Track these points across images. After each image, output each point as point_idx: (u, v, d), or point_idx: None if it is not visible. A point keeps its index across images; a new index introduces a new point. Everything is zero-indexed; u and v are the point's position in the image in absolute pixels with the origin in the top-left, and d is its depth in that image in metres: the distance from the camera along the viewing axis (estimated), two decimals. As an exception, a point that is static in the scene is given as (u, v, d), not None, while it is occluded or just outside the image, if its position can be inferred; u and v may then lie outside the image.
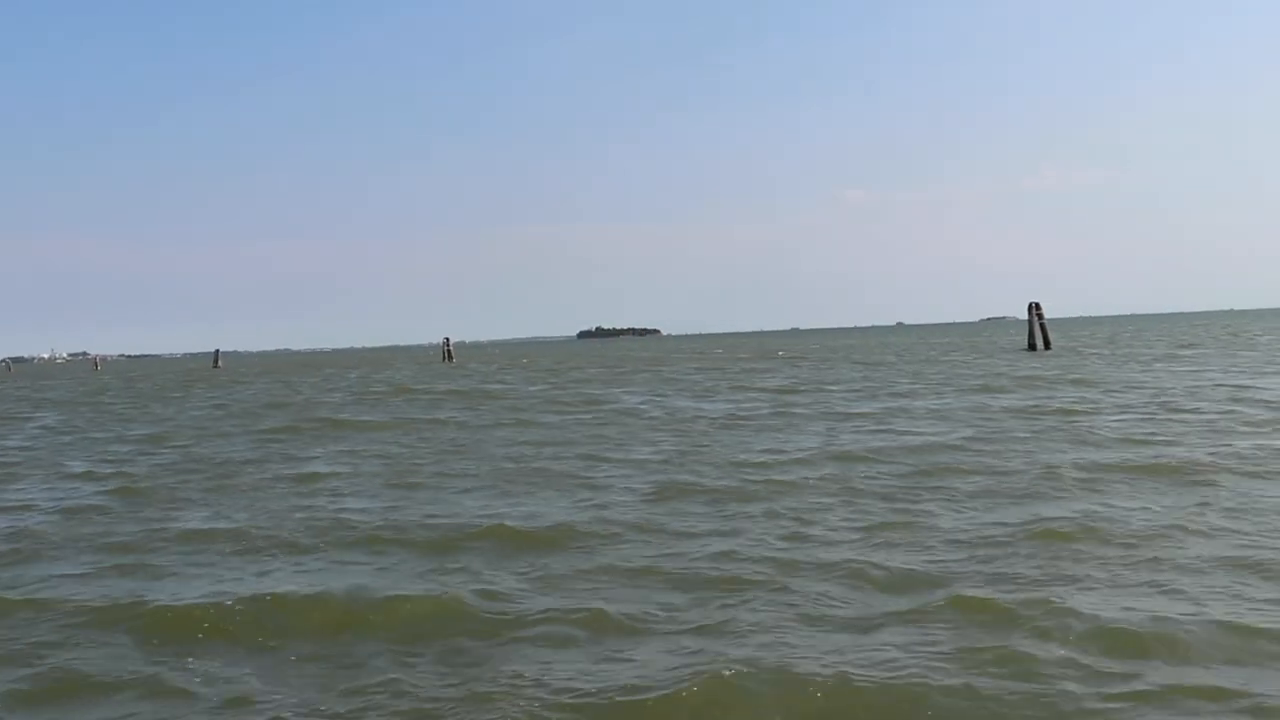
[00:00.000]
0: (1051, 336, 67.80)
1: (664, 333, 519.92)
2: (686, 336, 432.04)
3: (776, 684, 7.20)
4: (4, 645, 8.86)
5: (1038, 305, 65.55)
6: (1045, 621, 8.22)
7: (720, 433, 24.10)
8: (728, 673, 7.32)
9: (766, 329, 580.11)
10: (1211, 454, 16.63)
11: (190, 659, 8.39)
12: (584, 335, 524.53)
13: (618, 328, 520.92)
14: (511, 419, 30.71)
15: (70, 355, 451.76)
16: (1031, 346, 65.92)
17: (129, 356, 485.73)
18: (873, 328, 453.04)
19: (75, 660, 8.40)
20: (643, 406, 33.57)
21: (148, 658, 8.46)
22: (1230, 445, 17.64)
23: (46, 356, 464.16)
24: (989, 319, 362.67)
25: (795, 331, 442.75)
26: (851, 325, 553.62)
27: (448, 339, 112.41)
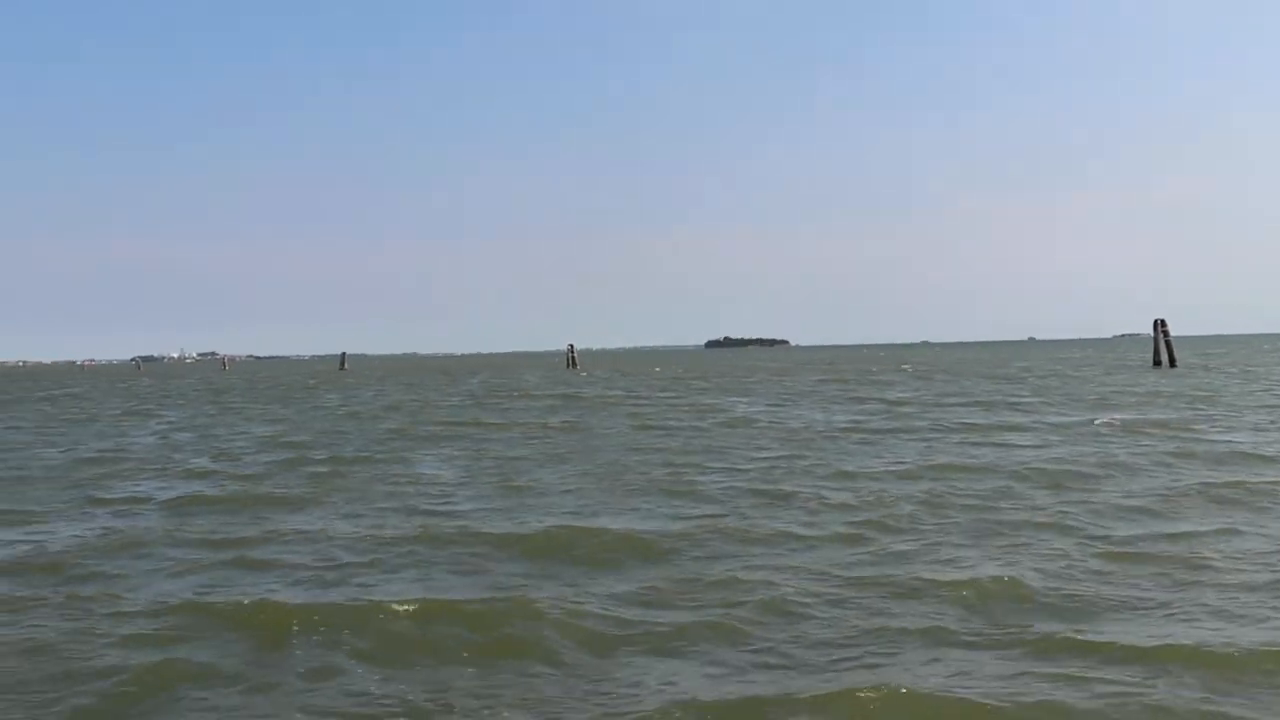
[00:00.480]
0: (1180, 353, 68.57)
1: (792, 343, 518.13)
2: (815, 348, 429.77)
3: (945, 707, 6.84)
4: (112, 640, 8.84)
5: (1163, 322, 66.22)
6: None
7: (827, 443, 23.85)
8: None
9: (897, 341, 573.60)
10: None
11: (291, 656, 8.28)
12: (712, 345, 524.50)
13: (745, 338, 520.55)
14: (629, 425, 30.74)
15: (200, 355, 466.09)
16: (1157, 363, 66.18)
17: (257, 358, 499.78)
18: (1004, 342, 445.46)
19: (180, 657, 8.33)
20: (758, 415, 33.30)
21: (250, 655, 8.36)
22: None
23: (176, 356, 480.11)
24: (1124, 335, 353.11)
25: (925, 345, 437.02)
26: (983, 339, 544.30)
27: (572, 346, 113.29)
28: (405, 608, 9.34)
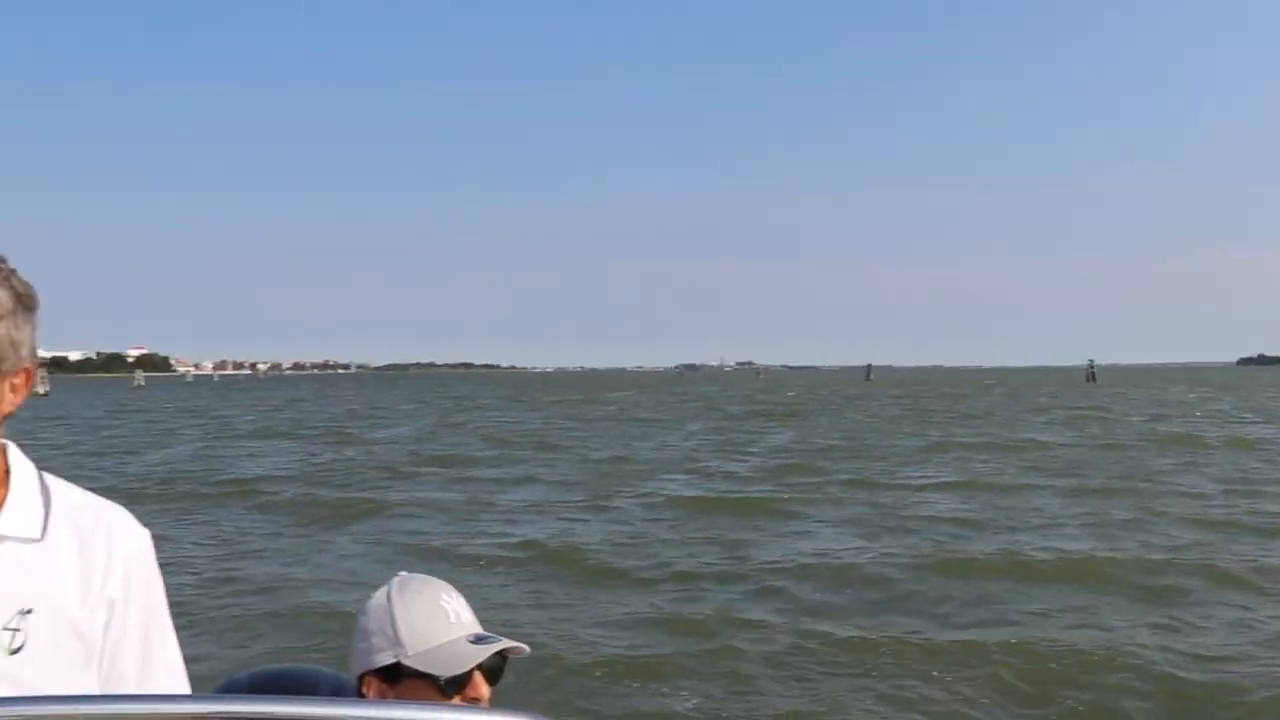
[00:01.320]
0: None
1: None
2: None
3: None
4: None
5: None
6: None
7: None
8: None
9: None
10: None
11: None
12: (1245, 362, 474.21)
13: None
14: (1125, 443, 29.38)
15: (737, 364, 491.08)
16: None
17: (789, 367, 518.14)
18: None
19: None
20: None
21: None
22: None
23: (715, 364, 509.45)
24: None
25: None
26: None
27: (1092, 361, 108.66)
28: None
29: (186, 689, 1.79)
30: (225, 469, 24.83)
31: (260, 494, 19.46)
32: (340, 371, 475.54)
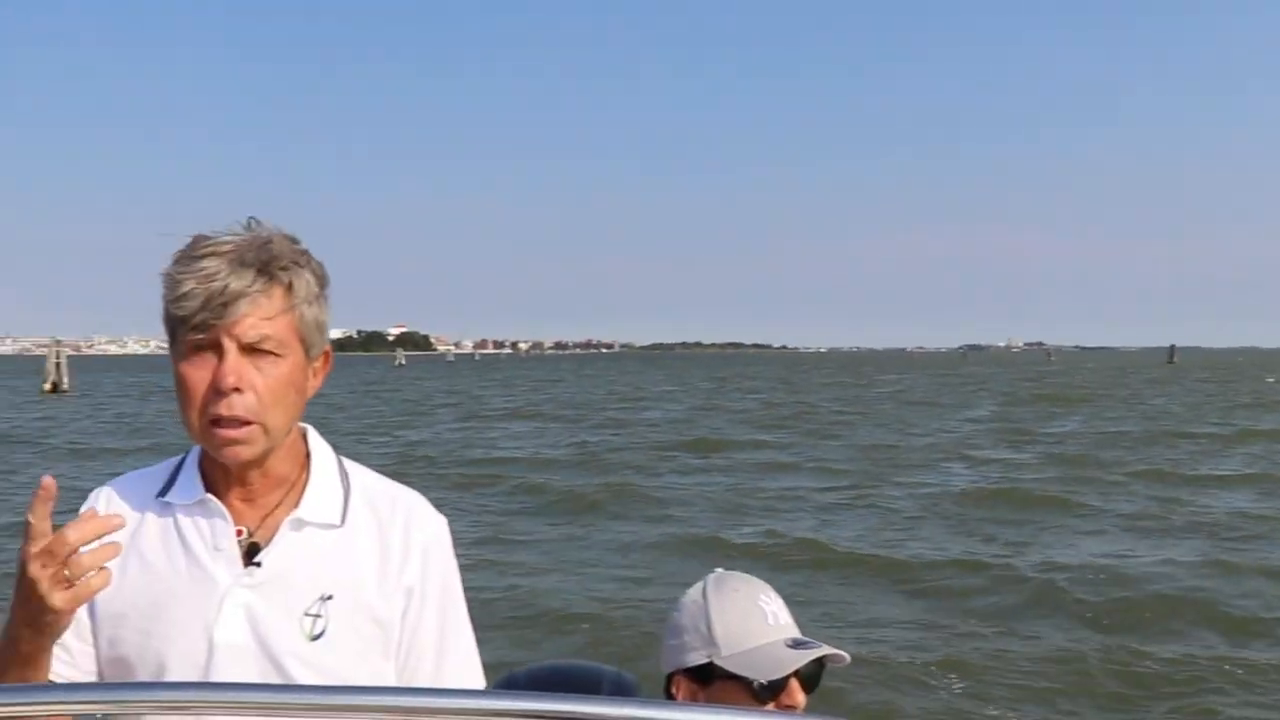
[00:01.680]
0: None
1: None
2: None
3: None
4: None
5: None
6: None
7: None
8: None
9: None
10: None
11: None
12: None
13: None
14: None
15: (1026, 345, 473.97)
16: None
17: (1082, 348, 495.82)
18: None
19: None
20: None
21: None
22: None
23: (1003, 345, 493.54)
24: None
25: None
26: None
27: None
28: None
29: (481, 681, 1.76)
30: (480, 449, 25.39)
31: (510, 478, 19.53)
32: (603, 351, 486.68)
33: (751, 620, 1.91)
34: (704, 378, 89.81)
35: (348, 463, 1.75)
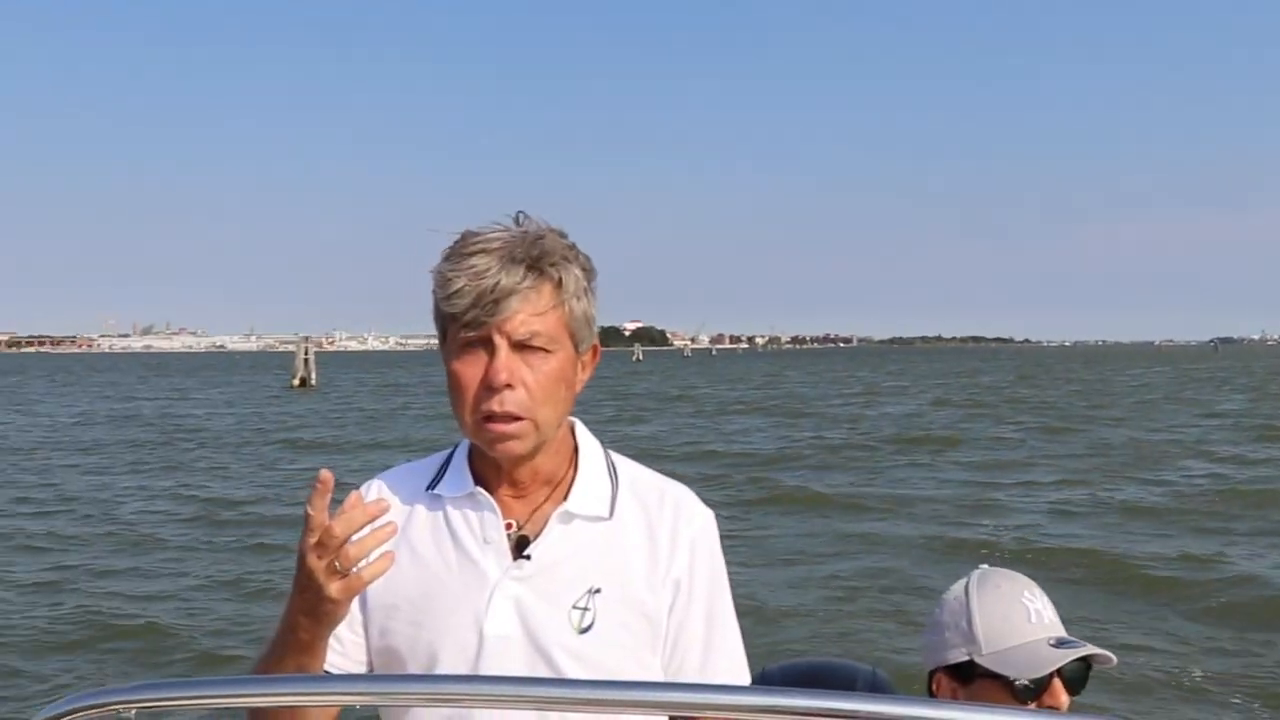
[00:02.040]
0: None
1: None
2: None
3: None
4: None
5: None
6: None
7: None
8: None
9: None
10: None
11: None
12: None
13: None
14: None
15: (1278, 339, 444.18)
16: None
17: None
18: None
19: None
20: None
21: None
22: None
23: (1256, 337, 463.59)
24: None
25: None
26: None
27: None
28: None
29: (746, 677, 1.75)
30: (717, 442, 25.68)
31: (740, 473, 19.76)
32: (841, 345, 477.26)
33: (1013, 618, 1.88)
34: (939, 373, 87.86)
35: (615, 456, 1.77)
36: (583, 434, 1.74)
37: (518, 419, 1.58)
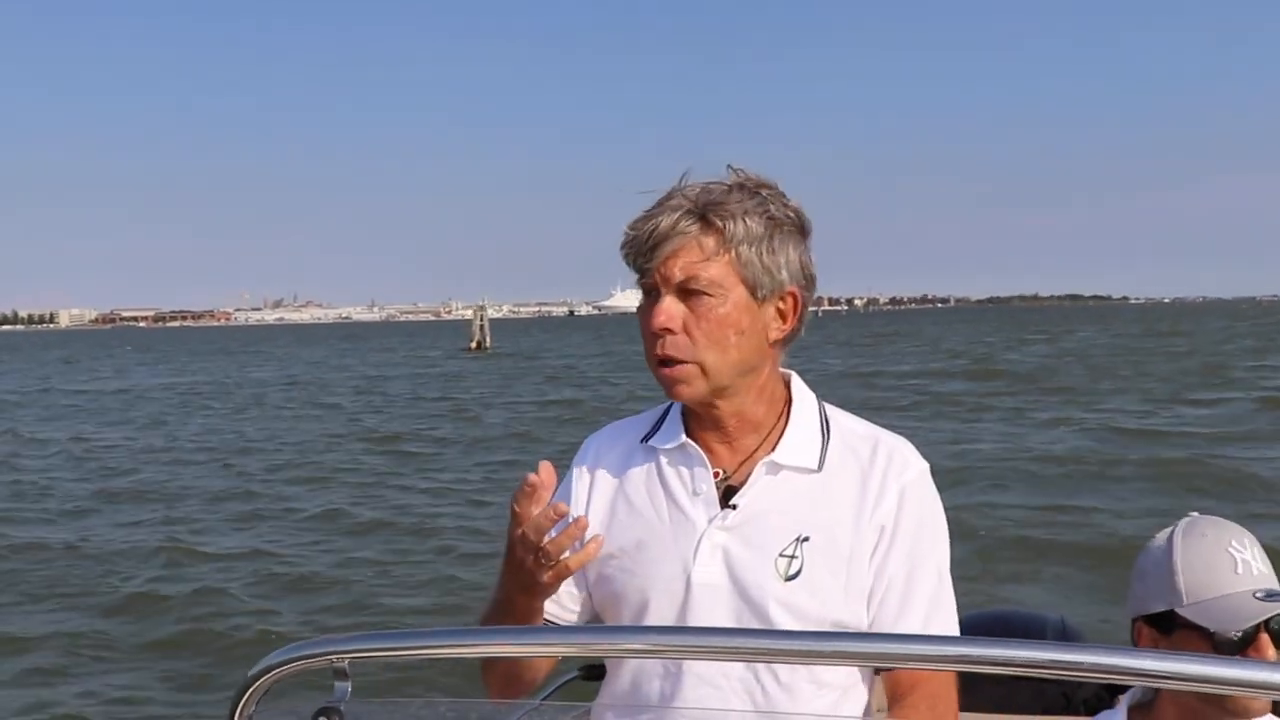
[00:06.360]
0: None
1: None
2: None
3: None
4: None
5: None
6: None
7: None
8: None
9: None
10: None
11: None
12: None
13: None
14: None
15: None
16: None
17: None
18: None
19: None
20: None
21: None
22: None
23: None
24: None
25: None
26: None
27: None
28: None
29: (952, 627, 1.73)
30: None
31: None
32: (939, 306, 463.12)
33: (1218, 568, 1.79)
34: (1033, 330, 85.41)
35: (831, 408, 1.78)
36: (798, 387, 1.77)
37: (681, 362, 1.63)
